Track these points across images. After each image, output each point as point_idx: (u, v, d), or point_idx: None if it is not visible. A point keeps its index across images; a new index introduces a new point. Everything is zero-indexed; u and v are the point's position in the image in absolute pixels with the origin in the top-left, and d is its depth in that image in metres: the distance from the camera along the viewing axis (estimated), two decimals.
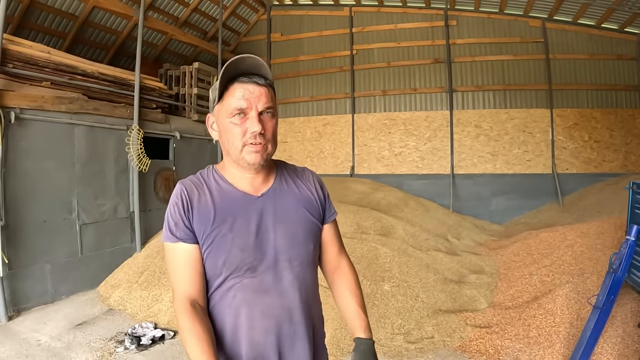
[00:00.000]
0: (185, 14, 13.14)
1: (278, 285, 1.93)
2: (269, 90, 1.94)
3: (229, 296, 1.88)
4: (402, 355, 5.20)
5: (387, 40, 14.05)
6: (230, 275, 1.87)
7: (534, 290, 6.45)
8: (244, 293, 1.88)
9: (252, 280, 1.89)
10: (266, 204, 1.98)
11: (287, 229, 1.98)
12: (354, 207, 9.56)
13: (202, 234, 1.87)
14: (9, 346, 5.65)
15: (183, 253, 1.87)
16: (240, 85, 1.87)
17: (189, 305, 1.79)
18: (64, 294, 7.60)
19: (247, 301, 1.88)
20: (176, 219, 1.87)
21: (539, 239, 8.21)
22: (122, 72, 9.20)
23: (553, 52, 12.48)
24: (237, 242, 1.87)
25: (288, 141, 14.97)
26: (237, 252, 1.86)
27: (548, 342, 5.01)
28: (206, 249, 1.87)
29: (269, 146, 1.92)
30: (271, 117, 1.95)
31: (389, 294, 6.23)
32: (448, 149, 13.00)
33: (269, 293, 1.91)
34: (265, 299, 1.90)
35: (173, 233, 1.87)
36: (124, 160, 8.86)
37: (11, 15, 9.18)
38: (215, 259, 1.86)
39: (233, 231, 1.88)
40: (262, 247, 1.91)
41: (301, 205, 2.08)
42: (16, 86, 6.98)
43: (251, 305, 1.88)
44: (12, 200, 6.83)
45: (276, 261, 1.93)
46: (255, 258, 1.89)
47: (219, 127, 1.95)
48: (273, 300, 1.91)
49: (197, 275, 1.87)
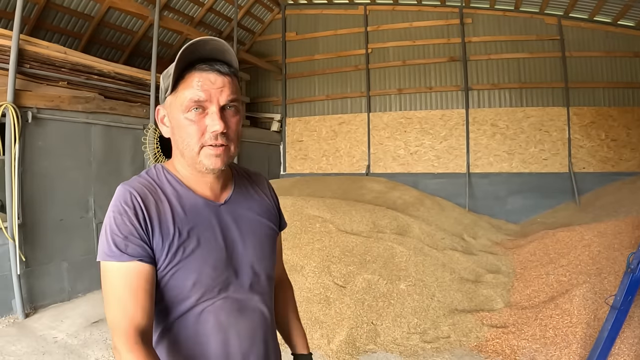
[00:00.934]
0: (200, 14, 13.21)
1: (251, 302, 1.70)
2: (233, 80, 1.59)
3: (201, 323, 1.59)
4: (418, 354, 5.19)
5: (402, 38, 14.02)
6: (201, 298, 1.57)
7: (551, 290, 6.41)
8: (216, 317, 1.60)
9: (225, 301, 1.62)
10: (230, 213, 1.71)
11: (255, 241, 1.75)
12: (369, 205, 9.54)
13: (164, 251, 1.52)
14: (26, 343, 5.70)
15: (134, 274, 1.47)
16: (198, 74, 1.53)
17: (138, 340, 1.43)
18: (80, 291, 7.67)
19: (221, 325, 1.61)
20: (127, 232, 1.48)
21: (556, 239, 8.15)
22: (138, 71, 9.25)
23: (569, 50, 12.38)
24: (208, 258, 1.58)
25: (304, 140, 15.00)
26: (209, 271, 1.58)
27: (565, 343, 4.98)
28: (170, 269, 1.53)
29: (232, 147, 1.60)
30: (235, 112, 1.60)
31: (405, 293, 6.23)
32: (464, 148, 12.97)
33: (244, 312, 1.67)
34: (240, 319, 1.66)
35: (121, 249, 1.46)
36: (141, 159, 8.92)
37: (27, 16, 9.28)
38: (182, 280, 1.54)
39: (202, 246, 1.58)
40: (233, 262, 1.65)
41: (264, 214, 1.84)
42: (33, 86, 7.04)
43: (226, 329, 1.61)
44: (29, 199, 6.90)
45: (248, 276, 1.69)
46: (227, 276, 1.63)
47: (172, 122, 1.62)
48: (249, 319, 1.69)
49: (149, 302, 1.49)
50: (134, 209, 1.50)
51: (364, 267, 6.66)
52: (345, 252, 6.97)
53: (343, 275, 6.42)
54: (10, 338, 5.84)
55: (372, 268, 6.68)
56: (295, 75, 15.48)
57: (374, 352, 5.25)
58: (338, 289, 6.15)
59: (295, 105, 15.46)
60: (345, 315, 5.69)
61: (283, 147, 15.40)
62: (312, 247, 7.07)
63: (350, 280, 6.35)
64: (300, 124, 15.20)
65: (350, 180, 12.58)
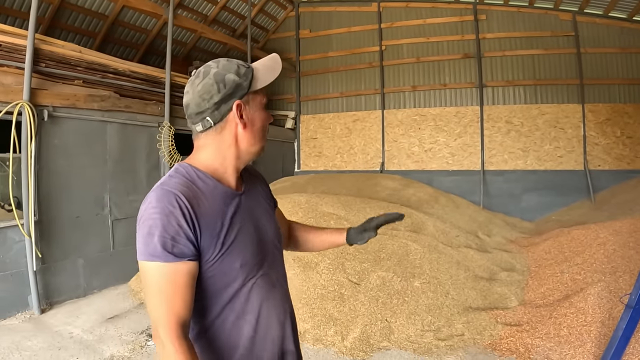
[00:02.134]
0: (214, 12, 13.24)
1: (278, 275, 1.95)
2: None
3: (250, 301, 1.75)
4: (431, 352, 5.18)
5: (416, 35, 13.99)
6: (247, 277, 1.74)
7: (565, 289, 6.37)
8: (260, 292, 1.79)
9: (263, 278, 1.82)
10: (249, 199, 1.88)
11: (271, 221, 1.99)
12: (384, 203, 9.54)
13: (212, 243, 1.64)
14: (42, 338, 5.75)
15: (184, 272, 1.57)
16: None
17: (183, 333, 1.55)
18: (96, 288, 7.74)
19: (264, 299, 1.80)
20: (174, 232, 1.55)
21: (571, 237, 8.12)
22: (153, 70, 9.30)
23: (584, 46, 12.29)
24: (248, 241, 1.77)
25: (318, 137, 15.04)
26: (251, 251, 1.76)
27: (579, 342, 4.95)
28: (219, 256, 1.65)
29: None
30: None
31: (419, 291, 6.22)
32: (478, 145, 12.94)
33: (276, 285, 1.90)
34: (275, 291, 1.88)
35: (168, 250, 1.54)
36: (156, 157, 8.98)
37: (42, 15, 9.36)
38: (230, 264, 1.68)
39: (241, 231, 1.75)
40: (262, 241, 1.86)
41: (266, 197, 2.10)
42: (49, 85, 7.08)
43: (267, 302, 1.82)
44: (45, 197, 6.96)
45: (272, 252, 1.93)
46: (262, 254, 1.83)
47: (252, 115, 1.80)
48: (280, 291, 1.93)
49: (191, 297, 1.60)
50: (181, 210, 1.58)
51: (379, 265, 6.66)
52: (360, 249, 6.96)
53: (357, 273, 6.42)
54: (26, 333, 5.90)
55: (387, 265, 6.67)
56: (309, 73, 15.52)
57: (388, 349, 5.25)
58: (352, 286, 6.15)
59: (310, 103, 15.50)
60: (360, 312, 5.70)
61: (297, 145, 15.44)
62: None
63: (365, 277, 6.36)
64: (314, 121, 15.23)
65: (364, 178, 12.58)
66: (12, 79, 6.60)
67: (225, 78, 1.73)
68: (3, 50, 6.54)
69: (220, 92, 1.72)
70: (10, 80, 6.58)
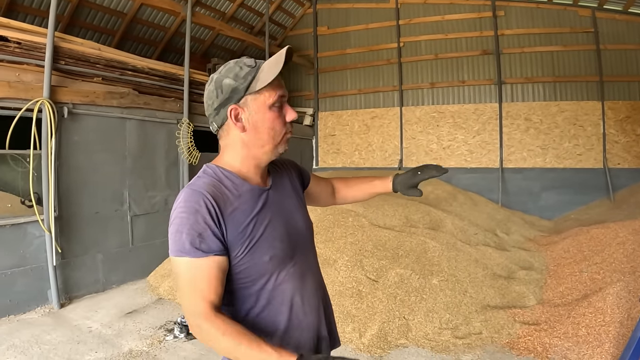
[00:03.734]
0: (231, 9, 13.27)
1: (308, 266, 2.00)
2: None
3: (280, 292, 1.81)
4: (449, 350, 5.17)
5: (434, 32, 13.91)
6: (276, 270, 1.80)
7: (584, 288, 6.33)
8: (292, 283, 1.85)
9: (294, 269, 1.87)
10: (277, 194, 1.95)
11: (300, 212, 2.05)
12: (402, 200, 9.51)
13: (240, 238, 1.70)
14: (61, 332, 5.81)
15: (212, 266, 1.63)
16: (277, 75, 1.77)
17: (218, 312, 1.59)
18: (114, 283, 7.81)
19: (297, 290, 1.87)
20: (201, 229, 1.63)
21: (590, 236, 8.06)
22: (171, 67, 9.36)
23: (604, 43, 12.12)
24: (276, 234, 1.82)
25: (336, 134, 15.03)
26: (279, 244, 1.81)
27: (597, 342, 4.91)
28: (248, 251, 1.71)
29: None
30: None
31: (437, 288, 6.20)
32: (497, 143, 12.85)
33: (307, 275, 1.95)
34: (307, 282, 1.94)
35: (196, 246, 1.61)
36: (174, 153, 9.02)
37: (61, 13, 9.46)
38: (260, 258, 1.74)
39: (269, 225, 1.81)
40: (291, 234, 1.90)
41: (294, 187, 2.14)
42: (69, 82, 7.14)
43: (301, 292, 1.88)
44: (65, 192, 7.03)
45: (303, 244, 1.98)
46: (291, 245, 1.88)
47: (254, 116, 1.78)
48: (312, 280, 1.98)
49: (221, 288, 1.66)
50: (207, 208, 1.66)
51: (397, 262, 6.65)
52: (378, 247, 6.96)
53: (375, 270, 6.42)
54: (45, 327, 5.96)
55: (405, 263, 6.66)
56: (327, 70, 15.50)
57: (406, 346, 5.24)
58: (370, 283, 6.15)
59: (328, 100, 15.49)
60: (377, 309, 5.69)
61: (315, 141, 15.45)
62: (345, 241, 7.08)
63: (383, 274, 6.35)
64: (332, 118, 15.22)
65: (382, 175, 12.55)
66: (32, 77, 6.67)
67: (222, 83, 1.79)
68: (23, 49, 6.60)
69: (218, 98, 1.81)
70: (30, 78, 6.65)
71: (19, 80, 6.52)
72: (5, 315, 6.29)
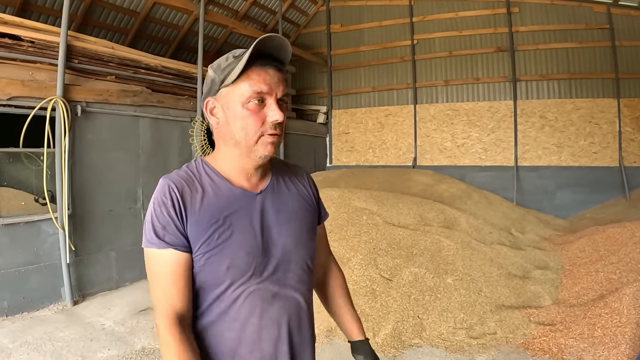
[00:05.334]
0: (244, 7, 13.27)
1: (284, 289, 1.76)
2: (286, 76, 1.74)
3: (235, 307, 1.66)
4: (464, 350, 5.14)
5: (448, 29, 13.81)
6: (235, 282, 1.65)
7: (600, 288, 6.27)
8: (252, 302, 1.67)
9: (259, 287, 1.69)
10: (266, 201, 1.78)
11: (292, 229, 1.82)
12: (416, 198, 9.49)
13: (200, 238, 1.63)
14: (74, 329, 5.85)
15: (172, 262, 1.61)
16: (259, 68, 1.63)
17: (176, 322, 1.58)
18: (128, 280, 7.87)
19: (256, 310, 1.68)
20: (165, 222, 1.61)
21: (606, 235, 7.99)
22: (184, 65, 9.39)
23: (619, 39, 11.97)
24: (243, 244, 1.67)
25: (350, 132, 15.01)
26: (243, 255, 1.66)
27: (613, 343, 4.86)
28: (205, 254, 1.63)
29: (282, 137, 1.73)
30: (286, 106, 1.73)
31: (452, 288, 6.17)
32: (512, 140, 12.74)
33: (277, 299, 1.73)
34: (274, 305, 1.72)
35: (160, 237, 1.60)
36: (188, 151, 9.05)
37: (74, 13, 9.48)
38: (217, 265, 1.63)
39: (237, 232, 1.67)
40: (268, 248, 1.72)
41: (302, 203, 1.92)
42: (82, 81, 7.20)
43: (260, 314, 1.69)
44: (79, 190, 7.10)
45: (282, 263, 1.76)
46: (261, 261, 1.70)
47: (227, 112, 1.69)
48: (281, 306, 1.74)
49: (187, 288, 1.63)
50: (172, 201, 1.63)
51: (411, 260, 6.63)
52: (392, 245, 6.93)
53: (389, 268, 6.39)
54: (59, 324, 6.01)
55: (419, 261, 6.63)
56: (341, 67, 15.47)
57: (420, 346, 5.21)
58: (384, 282, 6.12)
59: (341, 97, 15.46)
60: (391, 308, 5.67)
61: (329, 139, 15.42)
62: (359, 240, 7.05)
63: (397, 273, 6.32)
64: (346, 116, 15.20)
65: (397, 173, 12.53)
66: (46, 75, 6.72)
67: (207, 75, 1.77)
68: (37, 48, 6.65)
69: (204, 91, 1.78)
70: (44, 77, 6.69)
71: (33, 79, 6.56)
72: (18, 312, 6.34)
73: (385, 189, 10.56)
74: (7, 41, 6.34)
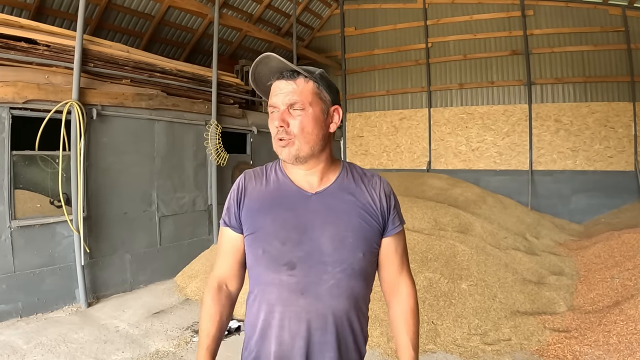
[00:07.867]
0: (259, 11, 13.34)
1: (316, 288, 1.79)
2: (300, 84, 1.83)
3: (267, 291, 1.83)
4: (478, 356, 5.10)
5: (462, 32, 13.79)
6: (269, 268, 1.81)
7: (616, 295, 6.21)
8: (280, 291, 1.80)
9: (290, 278, 1.79)
10: (318, 203, 1.87)
11: (336, 231, 1.83)
12: (431, 202, 9.47)
13: (247, 222, 1.91)
14: (88, 331, 5.87)
15: (227, 238, 2.00)
16: (275, 82, 1.88)
17: (217, 286, 1.99)
18: (142, 283, 7.89)
19: (283, 300, 1.80)
20: (229, 205, 1.99)
21: (621, 240, 7.93)
22: (199, 68, 9.41)
23: (635, 42, 11.87)
24: (280, 234, 1.82)
25: (364, 135, 15.03)
26: (277, 244, 1.81)
27: (629, 350, 4.80)
28: (248, 236, 1.91)
29: (296, 142, 1.81)
30: (299, 111, 1.82)
31: (466, 293, 6.14)
32: (527, 144, 12.68)
33: (305, 295, 1.79)
34: (301, 300, 1.79)
35: (224, 218, 2.01)
36: (203, 155, 9.08)
37: (89, 17, 9.60)
38: (255, 248, 1.87)
39: (277, 222, 1.84)
40: (305, 244, 1.80)
41: (358, 209, 1.90)
42: (97, 84, 7.24)
43: (286, 304, 1.79)
44: (94, 193, 7.13)
45: (318, 262, 1.80)
46: (295, 254, 1.79)
47: None
48: (309, 303, 1.79)
49: (235, 263, 2.01)
50: (237, 189, 1.99)
51: (426, 265, 6.61)
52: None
53: None
54: (73, 326, 6.03)
55: (434, 266, 6.61)
56: (355, 71, 15.49)
57: (434, 352, 5.18)
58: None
59: (356, 101, 15.48)
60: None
61: (343, 143, 15.45)
62: None
63: None
64: (360, 119, 15.22)
65: (411, 177, 12.53)
66: (62, 79, 6.75)
67: None
68: (52, 51, 6.70)
69: None
70: (59, 80, 6.73)
71: (48, 83, 6.60)
72: (33, 313, 6.37)
73: (399, 193, 10.50)
74: (23, 45, 6.39)
